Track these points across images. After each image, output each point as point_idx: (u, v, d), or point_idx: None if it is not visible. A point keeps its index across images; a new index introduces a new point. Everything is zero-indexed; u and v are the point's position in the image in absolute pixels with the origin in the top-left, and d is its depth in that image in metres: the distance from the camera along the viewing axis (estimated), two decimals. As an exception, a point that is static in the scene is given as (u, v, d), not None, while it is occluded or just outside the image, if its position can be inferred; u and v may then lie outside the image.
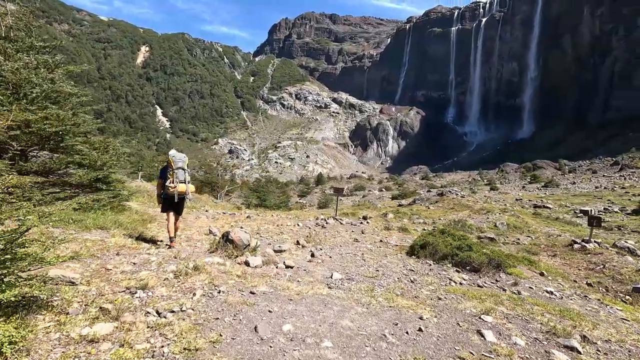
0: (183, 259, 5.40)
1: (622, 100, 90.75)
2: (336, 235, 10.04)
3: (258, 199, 24.16)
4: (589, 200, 19.77)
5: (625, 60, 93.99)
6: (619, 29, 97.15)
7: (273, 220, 12.81)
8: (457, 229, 11.27)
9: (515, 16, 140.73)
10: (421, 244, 7.57)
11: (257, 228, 10.37)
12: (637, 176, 37.56)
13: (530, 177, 46.14)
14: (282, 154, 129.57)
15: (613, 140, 79.24)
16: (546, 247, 9.24)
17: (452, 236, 7.88)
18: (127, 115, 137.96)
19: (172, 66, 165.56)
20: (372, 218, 14.79)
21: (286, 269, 5.89)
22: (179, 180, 6.09)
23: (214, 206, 17.35)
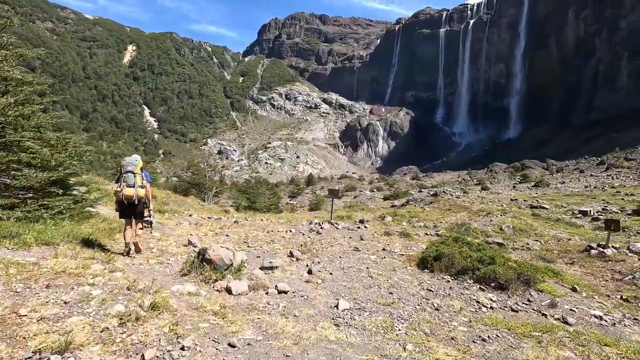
0: (140, 290, 4.05)
1: (605, 101, 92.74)
2: (333, 243, 9.26)
3: (248, 200, 23.27)
4: (584, 200, 19.58)
5: (608, 62, 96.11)
6: (602, 31, 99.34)
7: (263, 225, 11.90)
8: (462, 233, 10.67)
9: (502, 18, 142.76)
10: (435, 256, 6.68)
11: (245, 235, 9.49)
12: (625, 175, 37.93)
13: (520, 176, 46.34)
14: (272, 155, 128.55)
15: (597, 140, 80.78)
16: (560, 253, 8.62)
17: (469, 245, 7.08)
18: (113, 116, 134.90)
19: (160, 66, 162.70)
20: (369, 222, 14.05)
21: (279, 296, 4.89)
22: (126, 184, 5.88)
23: (199, 209, 16.20)
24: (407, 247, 9.29)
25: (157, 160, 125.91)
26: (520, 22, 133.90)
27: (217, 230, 10.04)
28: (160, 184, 23.55)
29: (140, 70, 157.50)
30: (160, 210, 12.67)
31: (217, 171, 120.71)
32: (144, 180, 6.16)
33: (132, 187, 5.92)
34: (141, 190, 6.04)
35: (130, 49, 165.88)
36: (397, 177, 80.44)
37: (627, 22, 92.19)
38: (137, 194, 5.95)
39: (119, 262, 5.47)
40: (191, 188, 25.05)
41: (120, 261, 5.61)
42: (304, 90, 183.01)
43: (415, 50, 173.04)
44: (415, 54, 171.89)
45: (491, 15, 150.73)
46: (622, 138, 71.40)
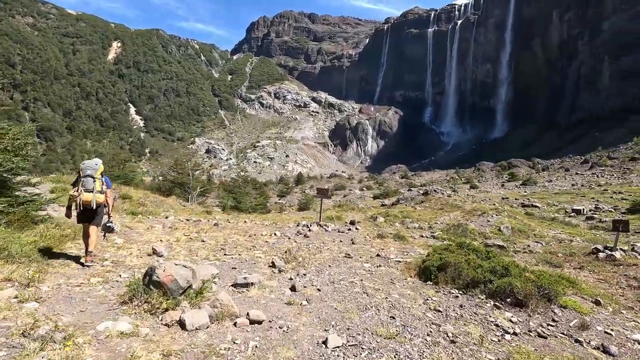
0: (40, 337, 2.76)
1: (588, 102, 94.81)
2: (322, 249, 8.50)
3: (234, 200, 22.52)
4: (574, 198, 19.55)
5: (590, 64, 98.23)
6: (585, 33, 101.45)
7: (246, 228, 11.06)
8: (458, 235, 10.20)
9: (489, 19, 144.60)
10: (439, 265, 5.87)
11: (224, 241, 8.67)
12: (609, 174, 38.50)
13: (507, 175, 46.73)
14: (261, 154, 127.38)
15: (581, 140, 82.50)
16: (565, 256, 8.06)
17: (476, 252, 6.29)
18: (97, 114, 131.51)
19: (146, 63, 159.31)
20: (360, 223, 13.44)
21: (250, 328, 3.72)
22: (85, 189, 5.65)
23: (180, 211, 15.35)
24: (403, 252, 8.63)
25: (143, 159, 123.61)
26: (506, 23, 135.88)
27: (192, 234, 9.19)
28: (139, 183, 22.51)
29: (125, 68, 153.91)
30: (133, 212, 11.87)
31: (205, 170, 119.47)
32: (103, 186, 5.94)
33: (91, 192, 5.69)
34: (100, 195, 5.81)
35: (115, 45, 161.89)
36: (387, 176, 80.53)
37: (609, 25, 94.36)
38: (96, 200, 5.72)
39: (47, 282, 4.43)
40: (175, 187, 24.17)
41: (51, 281, 4.48)
42: (293, 89, 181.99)
43: (403, 49, 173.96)
44: (404, 54, 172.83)
45: (478, 15, 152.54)
46: (605, 138, 73.01)
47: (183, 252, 7.27)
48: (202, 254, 7.19)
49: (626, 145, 58.61)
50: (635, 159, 44.45)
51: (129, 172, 21.37)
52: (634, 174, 34.78)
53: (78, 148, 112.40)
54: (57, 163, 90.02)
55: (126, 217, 10.86)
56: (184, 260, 6.31)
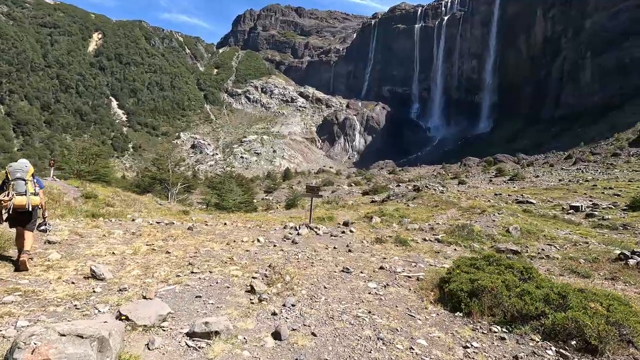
0: None
1: (571, 98, 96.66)
2: (314, 260, 7.14)
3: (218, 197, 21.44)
4: (566, 194, 19.33)
5: (572, 61, 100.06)
6: (568, 31, 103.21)
7: (225, 232, 9.64)
8: (463, 237, 9.52)
9: (475, 16, 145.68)
10: (470, 290, 4.61)
11: (195, 251, 7.19)
12: (593, 169, 39.02)
13: (495, 170, 46.96)
14: (247, 149, 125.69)
15: (564, 135, 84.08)
16: (590, 264, 7.30)
17: (511, 270, 4.99)
18: (78, 107, 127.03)
19: (129, 55, 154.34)
20: (354, 224, 12.34)
21: None
22: (17, 192, 5.41)
23: (154, 210, 13.96)
24: (409, 261, 7.46)
25: (126, 155, 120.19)
26: (492, 19, 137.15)
27: (158, 242, 7.66)
28: (112, 180, 21.14)
29: (107, 60, 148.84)
30: (93, 215, 10.36)
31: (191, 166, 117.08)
32: (36, 187, 5.71)
33: (24, 195, 5.46)
34: (35, 197, 5.60)
35: (96, 37, 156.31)
36: (374, 172, 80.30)
37: (591, 23, 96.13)
38: (31, 202, 5.52)
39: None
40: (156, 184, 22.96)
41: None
42: (280, 83, 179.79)
43: (391, 45, 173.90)
44: (391, 49, 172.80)
45: (464, 12, 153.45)
46: (587, 133, 74.51)
47: (136, 271, 5.67)
48: (161, 273, 5.65)
49: (607, 141, 59.80)
50: (617, 155, 45.25)
51: (100, 168, 20.02)
52: (617, 170, 35.25)
53: (57, 143, 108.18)
54: (35, 158, 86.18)
55: (82, 220, 9.40)
56: (132, 284, 5.00)
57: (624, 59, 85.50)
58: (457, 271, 5.36)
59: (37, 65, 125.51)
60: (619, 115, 74.24)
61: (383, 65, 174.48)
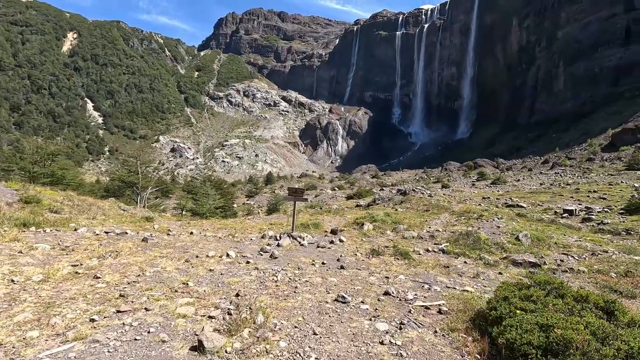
0: None
1: (545, 105, 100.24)
2: (298, 284, 5.76)
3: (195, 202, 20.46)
4: (553, 197, 19.51)
5: (546, 69, 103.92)
6: (542, 40, 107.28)
7: (188, 244, 8.19)
8: (470, 247, 8.88)
9: (454, 24, 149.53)
10: (543, 346, 3.16)
11: (138, 273, 5.74)
12: (570, 173, 40.22)
13: (477, 174, 47.75)
14: (229, 153, 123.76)
15: (540, 141, 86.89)
16: (622, 277, 6.63)
17: (584, 302, 3.84)
18: (50, 109, 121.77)
19: (105, 56, 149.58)
20: (344, 231, 11.10)
21: None
22: None
23: (113, 217, 12.63)
24: (419, 282, 6.15)
25: (102, 158, 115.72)
26: (470, 28, 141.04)
27: (90, 262, 6.14)
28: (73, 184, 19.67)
29: (82, 60, 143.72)
30: (24, 223, 8.64)
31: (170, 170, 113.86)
32: None
33: None
34: None
35: (71, 36, 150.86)
36: (357, 176, 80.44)
37: (563, 33, 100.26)
38: None
39: None
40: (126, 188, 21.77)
41: None
42: (263, 87, 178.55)
43: (373, 51, 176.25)
44: (373, 55, 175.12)
45: (444, 20, 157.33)
46: (561, 139, 77.23)
47: (27, 313, 4.08)
48: (67, 316, 4.08)
49: (581, 147, 62.05)
50: (592, 160, 46.95)
51: (57, 170, 18.56)
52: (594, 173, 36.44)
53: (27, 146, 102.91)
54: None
55: (7, 231, 7.76)
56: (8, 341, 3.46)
57: (594, 69, 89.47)
58: (506, 306, 3.89)
59: (6, 64, 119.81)
60: (590, 122, 77.37)
61: (365, 71, 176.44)
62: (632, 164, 33.78)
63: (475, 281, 6.67)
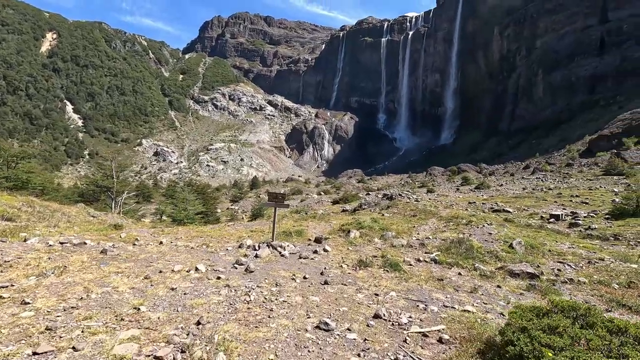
0: None
1: (525, 112, 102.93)
2: (274, 306, 4.98)
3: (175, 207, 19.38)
4: (537, 202, 19.46)
5: (526, 77, 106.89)
6: (522, 49, 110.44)
7: (153, 256, 7.31)
8: (463, 256, 8.25)
9: (438, 32, 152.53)
10: None
11: (81, 296, 4.85)
12: (551, 178, 40.92)
13: (461, 179, 48.11)
14: (214, 157, 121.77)
15: (521, 146, 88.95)
16: (625, 288, 6.26)
17: (621, 334, 3.14)
18: (27, 111, 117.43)
19: (86, 57, 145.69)
20: (328, 239, 10.44)
21: None
22: None
23: (80, 224, 11.69)
24: (413, 300, 5.50)
25: (81, 162, 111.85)
26: (453, 36, 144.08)
27: (26, 281, 5.15)
28: (40, 187, 18.40)
29: (62, 61, 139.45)
30: None
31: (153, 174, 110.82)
32: None
33: None
34: None
35: (50, 36, 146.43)
36: (343, 180, 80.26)
37: (542, 43, 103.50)
38: None
39: None
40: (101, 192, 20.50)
41: None
42: (249, 91, 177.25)
43: (358, 57, 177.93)
44: (359, 61, 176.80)
45: (428, 28, 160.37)
46: (541, 145, 79.22)
47: None
48: None
49: (560, 152, 63.64)
50: (570, 165, 48.07)
51: (22, 173, 17.24)
52: (573, 178, 37.15)
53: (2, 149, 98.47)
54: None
55: None
56: None
57: (571, 78, 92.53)
58: (527, 341, 3.18)
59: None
60: (568, 129, 79.71)
61: (351, 76, 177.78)
62: (608, 169, 34.56)
63: (474, 297, 6.13)
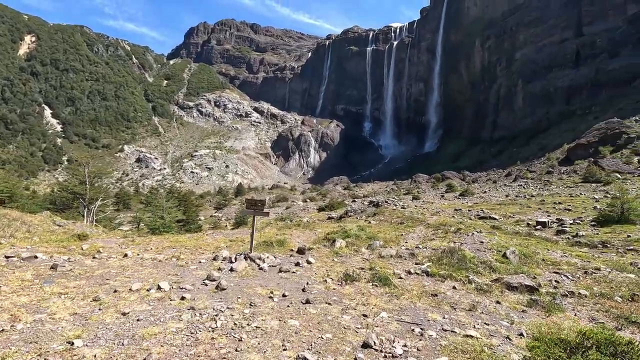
0: None
1: (506, 121, 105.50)
2: (242, 336, 4.20)
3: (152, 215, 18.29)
4: (522, 209, 19.40)
5: (507, 87, 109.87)
6: (502, 60, 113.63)
7: (112, 271, 6.47)
8: (455, 267, 7.67)
9: (421, 42, 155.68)
10: None
11: (2, 327, 4.01)
12: (533, 185, 41.58)
13: (445, 186, 48.40)
14: (199, 163, 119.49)
15: (502, 155, 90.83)
16: (629, 302, 5.83)
17: None
18: (2, 115, 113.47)
19: (67, 61, 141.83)
20: (312, 249, 9.83)
21: None
22: None
23: (42, 234, 10.78)
24: (407, 323, 4.86)
25: (59, 168, 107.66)
26: (436, 46, 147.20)
27: None
28: (8, 195, 17.18)
29: (40, 65, 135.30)
30: None
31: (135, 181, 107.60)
32: None
33: None
34: None
35: (29, 39, 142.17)
36: (329, 187, 79.85)
37: (521, 54, 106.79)
38: None
39: None
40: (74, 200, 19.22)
41: None
42: (234, 98, 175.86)
43: (344, 65, 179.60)
44: (345, 70, 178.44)
45: (412, 38, 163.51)
46: (522, 153, 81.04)
47: None
48: None
49: (540, 160, 65.09)
50: (550, 172, 49.11)
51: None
52: (554, 186, 37.85)
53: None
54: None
55: None
56: None
57: (549, 88, 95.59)
58: None
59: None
60: (547, 138, 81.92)
61: (337, 84, 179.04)
62: (587, 176, 35.38)
63: (474, 317, 5.53)
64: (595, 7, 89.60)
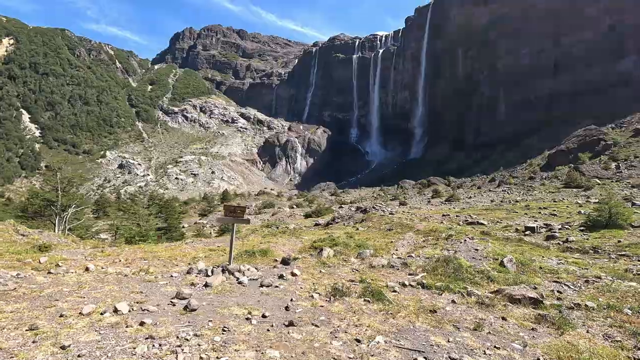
0: None
1: (488, 128, 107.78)
2: None
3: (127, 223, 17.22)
4: (509, 214, 19.38)
5: (489, 95, 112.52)
6: (484, 69, 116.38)
7: (65, 290, 5.58)
8: (452, 277, 7.27)
9: (406, 50, 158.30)
10: None
11: None
12: (516, 191, 42.11)
13: (432, 192, 48.50)
14: (183, 170, 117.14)
15: (485, 161, 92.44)
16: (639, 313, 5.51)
17: None
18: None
19: (47, 65, 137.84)
20: (298, 259, 9.11)
21: None
22: None
23: None
24: (408, 350, 4.21)
25: (37, 175, 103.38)
26: (421, 55, 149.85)
27: None
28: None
29: (19, 68, 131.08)
30: None
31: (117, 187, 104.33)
32: None
33: None
34: None
35: (6, 42, 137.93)
36: (316, 193, 79.31)
37: (502, 63, 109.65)
38: None
39: None
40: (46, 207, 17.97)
41: None
42: (221, 103, 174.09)
43: (331, 72, 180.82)
44: (332, 76, 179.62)
45: (397, 47, 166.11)
46: (504, 159, 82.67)
47: None
48: None
49: (522, 166, 66.31)
50: (533, 178, 50.01)
51: None
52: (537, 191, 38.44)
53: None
54: None
55: None
56: None
57: (530, 97, 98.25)
58: None
59: None
60: (528, 144, 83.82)
61: (324, 91, 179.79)
62: (568, 182, 36.08)
63: (481, 338, 4.92)
64: (572, 19, 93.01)
